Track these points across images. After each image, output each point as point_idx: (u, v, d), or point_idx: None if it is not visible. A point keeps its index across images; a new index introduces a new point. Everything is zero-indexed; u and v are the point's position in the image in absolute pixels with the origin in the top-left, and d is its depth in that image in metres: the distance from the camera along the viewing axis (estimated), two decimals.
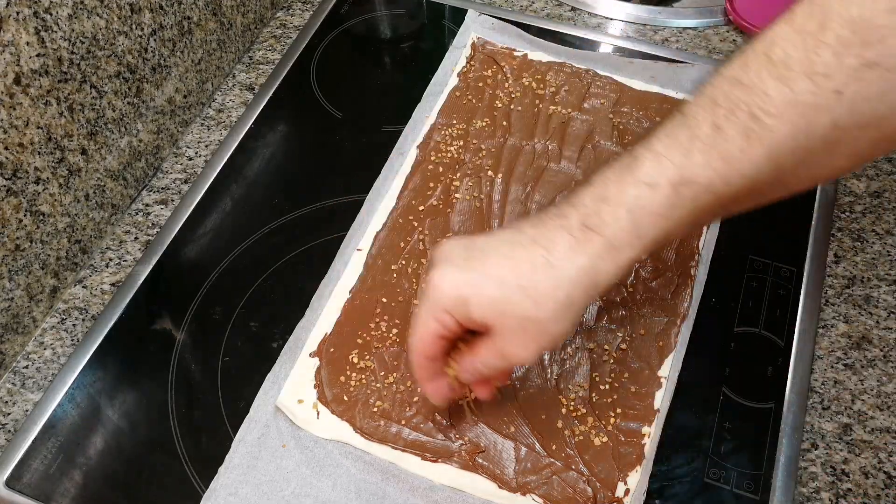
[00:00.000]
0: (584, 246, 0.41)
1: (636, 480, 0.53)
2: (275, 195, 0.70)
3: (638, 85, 0.75)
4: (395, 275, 0.63)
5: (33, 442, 0.56)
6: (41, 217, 0.60)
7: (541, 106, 0.74)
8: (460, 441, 0.54)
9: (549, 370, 0.57)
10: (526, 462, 0.53)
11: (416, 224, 0.66)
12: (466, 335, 0.46)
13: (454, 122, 0.73)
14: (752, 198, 0.41)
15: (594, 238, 0.41)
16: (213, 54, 0.77)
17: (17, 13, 0.53)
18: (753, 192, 0.40)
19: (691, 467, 0.54)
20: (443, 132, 0.72)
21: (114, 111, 0.65)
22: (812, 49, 0.36)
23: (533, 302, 0.42)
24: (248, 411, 0.56)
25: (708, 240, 0.65)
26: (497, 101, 0.74)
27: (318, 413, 0.56)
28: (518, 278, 0.42)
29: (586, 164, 0.69)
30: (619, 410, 0.56)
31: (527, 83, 0.75)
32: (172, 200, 0.70)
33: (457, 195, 0.67)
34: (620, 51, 0.79)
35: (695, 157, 0.39)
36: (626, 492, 0.52)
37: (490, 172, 0.69)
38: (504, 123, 0.72)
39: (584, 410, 0.55)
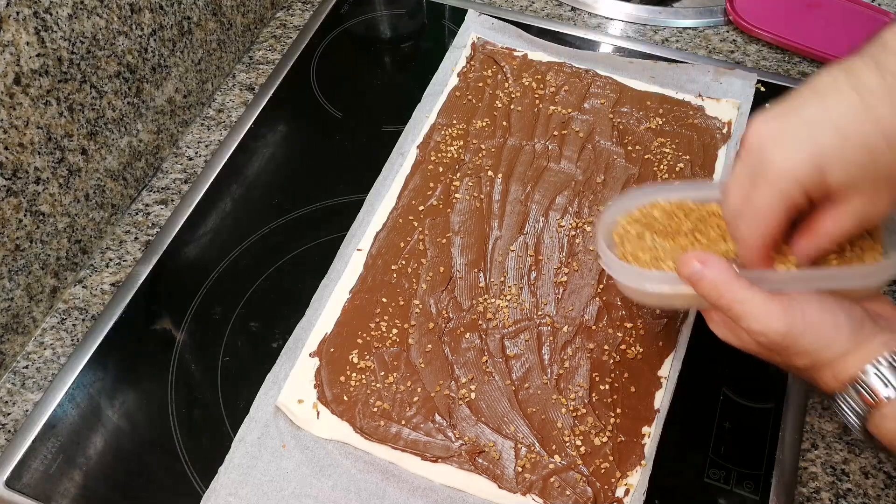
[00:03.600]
0: None
1: (636, 480, 0.53)
2: (275, 195, 0.70)
3: (638, 85, 0.75)
4: (395, 275, 0.63)
5: (33, 442, 0.56)
6: (41, 217, 0.60)
7: (541, 106, 0.74)
8: (460, 441, 0.54)
9: (549, 370, 0.57)
10: (526, 462, 0.53)
11: (416, 224, 0.66)
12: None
13: (454, 122, 0.73)
14: None
15: None
16: (213, 54, 0.77)
17: (17, 13, 0.53)
18: None
19: (691, 467, 0.54)
20: (443, 132, 0.72)
21: (114, 111, 0.65)
22: None
23: (889, 147, 0.38)
24: (248, 411, 0.56)
25: None
26: (497, 101, 0.74)
27: (318, 413, 0.56)
28: (878, 125, 0.38)
29: (586, 164, 0.69)
30: (619, 410, 0.56)
31: (527, 83, 0.75)
32: (172, 200, 0.70)
33: (457, 195, 0.67)
34: (620, 51, 0.79)
35: None
36: (626, 492, 0.52)
37: (490, 172, 0.69)
38: (504, 123, 0.72)
39: (584, 410, 0.55)
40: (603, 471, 0.53)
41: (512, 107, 0.74)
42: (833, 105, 0.40)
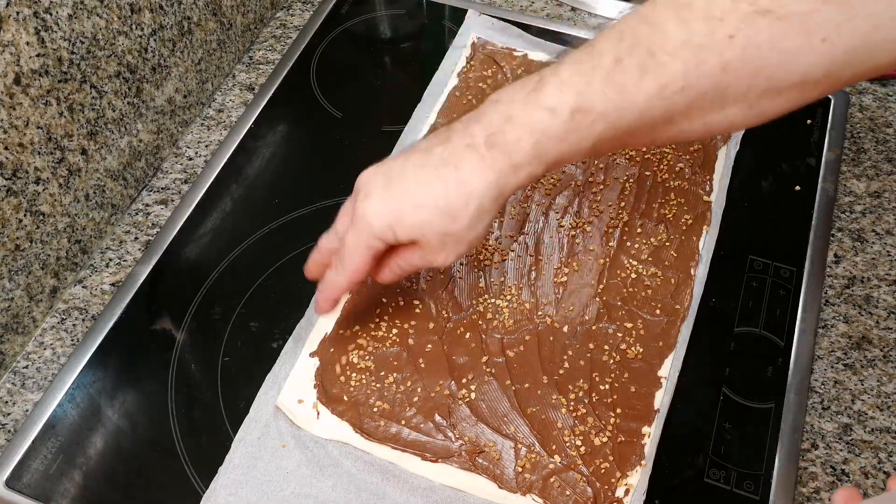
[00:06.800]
0: (490, 164, 0.45)
1: (636, 480, 0.53)
2: (275, 195, 0.70)
3: None
4: None
5: (33, 442, 0.56)
6: (41, 217, 0.60)
7: None
8: (460, 441, 0.54)
9: (549, 370, 0.57)
10: (526, 462, 0.53)
11: None
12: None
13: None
14: (647, 133, 0.43)
15: (499, 157, 0.44)
16: (213, 54, 0.77)
17: (17, 13, 0.53)
18: (646, 126, 0.42)
19: (691, 467, 0.54)
20: None
21: (114, 111, 0.65)
22: None
23: (450, 219, 0.46)
24: (248, 411, 0.56)
25: (708, 240, 0.65)
26: None
27: (318, 413, 0.56)
28: (435, 200, 0.46)
29: (586, 164, 0.69)
30: (619, 410, 0.56)
31: None
32: (172, 200, 0.70)
33: None
34: None
35: (594, 87, 0.41)
36: (626, 492, 0.52)
37: None
38: None
39: (584, 410, 0.55)
40: (603, 471, 0.53)
41: None
42: (411, 170, 0.48)
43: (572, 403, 0.56)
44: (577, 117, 0.42)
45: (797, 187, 0.68)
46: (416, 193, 0.47)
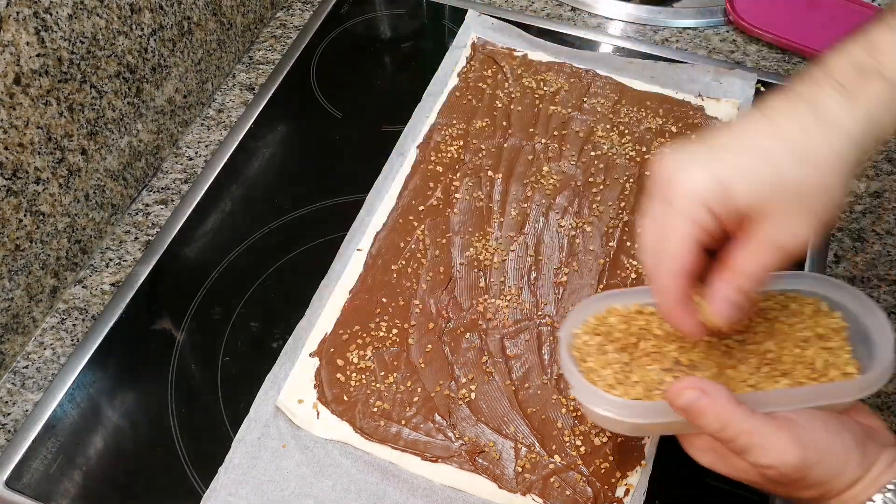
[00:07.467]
0: (860, 93, 0.36)
1: (636, 480, 0.53)
2: (275, 195, 0.70)
3: (638, 85, 0.75)
4: (395, 275, 0.63)
5: (33, 442, 0.56)
6: (41, 217, 0.60)
7: (541, 106, 0.74)
8: (460, 441, 0.54)
9: (549, 370, 0.57)
10: (526, 462, 0.53)
11: (416, 224, 0.66)
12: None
13: (454, 122, 0.73)
14: None
15: (871, 82, 0.36)
16: (213, 54, 0.77)
17: (17, 13, 0.53)
18: None
19: (691, 467, 0.54)
20: (443, 132, 0.72)
21: (114, 111, 0.65)
22: None
23: (812, 166, 0.36)
24: (248, 411, 0.56)
25: None
26: (497, 101, 0.74)
27: (318, 413, 0.56)
28: (787, 144, 0.36)
29: (586, 165, 0.69)
30: None
31: (527, 83, 0.75)
32: (172, 200, 0.70)
33: (457, 195, 0.67)
34: (620, 51, 0.79)
35: None
36: (626, 492, 0.52)
37: (490, 172, 0.69)
38: (504, 123, 0.72)
39: None
40: (603, 471, 0.53)
41: (512, 107, 0.74)
42: (739, 129, 0.39)
43: (572, 403, 0.56)
44: None
45: None
46: (760, 140, 0.37)
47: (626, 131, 0.71)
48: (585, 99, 0.74)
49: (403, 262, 0.63)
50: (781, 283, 0.47)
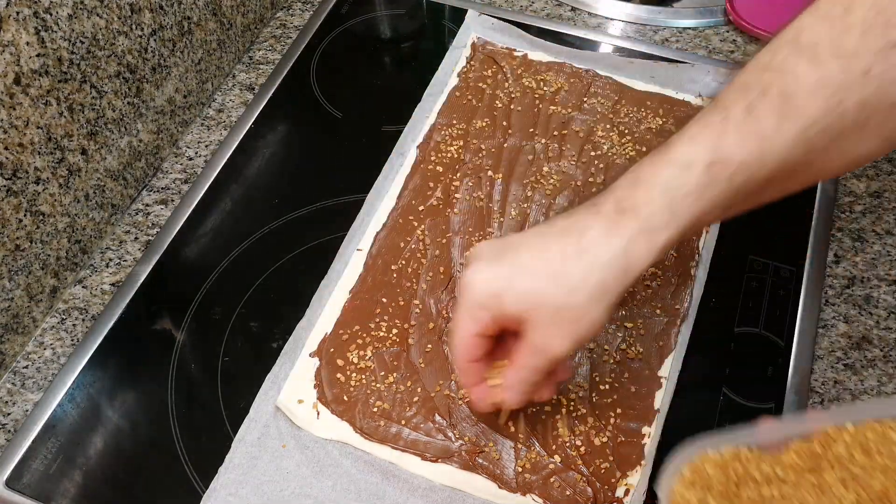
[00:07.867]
0: (617, 229, 0.41)
1: (636, 480, 0.53)
2: (275, 195, 0.70)
3: (638, 85, 0.75)
4: (395, 275, 0.63)
5: (33, 442, 0.56)
6: (41, 217, 0.60)
7: (541, 106, 0.74)
8: (460, 441, 0.54)
9: None
10: (526, 462, 0.53)
11: (416, 224, 0.66)
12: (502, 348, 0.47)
13: (454, 122, 0.73)
14: (784, 181, 0.41)
15: (627, 221, 0.40)
16: (213, 54, 0.77)
17: (17, 13, 0.53)
18: (786, 173, 0.40)
19: None
20: (443, 132, 0.72)
21: (114, 111, 0.65)
22: (839, 32, 0.37)
23: (566, 290, 0.41)
24: (248, 411, 0.56)
25: (708, 240, 0.65)
26: (497, 101, 0.74)
27: (318, 413, 0.56)
28: (548, 267, 0.41)
29: (586, 165, 0.69)
30: (619, 410, 0.56)
31: (527, 83, 0.75)
32: (172, 200, 0.70)
33: (457, 195, 0.67)
34: (620, 51, 0.79)
35: (728, 138, 0.39)
36: (626, 492, 0.52)
37: (490, 172, 0.69)
38: (504, 123, 0.72)
39: (584, 410, 0.55)
40: (603, 471, 0.53)
41: (512, 107, 0.74)
42: (528, 239, 0.44)
43: (572, 403, 0.56)
44: (713, 170, 0.39)
45: None
46: (530, 260, 0.42)
47: (627, 131, 0.71)
48: (585, 99, 0.74)
49: (403, 262, 0.63)
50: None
